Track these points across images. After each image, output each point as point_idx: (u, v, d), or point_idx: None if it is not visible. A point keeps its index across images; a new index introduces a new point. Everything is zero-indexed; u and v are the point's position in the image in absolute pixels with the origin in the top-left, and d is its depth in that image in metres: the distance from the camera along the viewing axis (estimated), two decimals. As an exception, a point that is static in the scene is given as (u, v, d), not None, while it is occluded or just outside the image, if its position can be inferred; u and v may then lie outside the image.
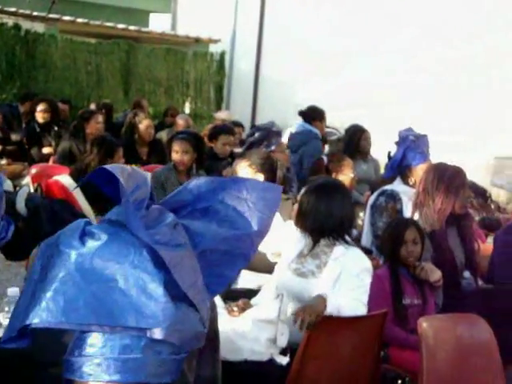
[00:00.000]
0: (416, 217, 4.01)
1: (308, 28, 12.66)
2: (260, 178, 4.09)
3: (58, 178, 5.13)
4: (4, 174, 3.14)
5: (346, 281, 3.17)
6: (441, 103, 10.50)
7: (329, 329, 2.98)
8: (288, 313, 3.12)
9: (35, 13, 11.98)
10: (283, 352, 3.02)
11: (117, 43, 12.65)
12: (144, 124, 7.07)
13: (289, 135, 6.63)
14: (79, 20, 12.35)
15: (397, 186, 4.74)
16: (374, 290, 3.50)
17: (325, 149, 7.37)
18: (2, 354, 1.68)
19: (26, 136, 7.72)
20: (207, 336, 1.03)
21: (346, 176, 5.31)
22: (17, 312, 0.97)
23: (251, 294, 3.59)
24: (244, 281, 3.96)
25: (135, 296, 0.94)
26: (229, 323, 3.08)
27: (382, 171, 6.08)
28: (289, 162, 6.27)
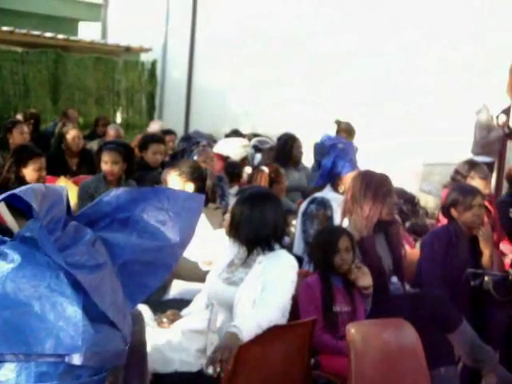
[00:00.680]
0: (345, 224, 4.07)
1: (240, 37, 12.71)
2: (190, 188, 4.09)
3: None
4: None
5: (269, 282, 3.16)
6: (371, 109, 10.66)
7: (259, 338, 2.98)
8: (218, 323, 3.12)
9: (-42, 20, 11.66)
10: (213, 362, 3.01)
11: (44, 52, 12.38)
12: (71, 134, 6.97)
13: (315, 145, 7.02)
14: (4, 28, 12.04)
15: (327, 194, 4.80)
16: (304, 298, 3.53)
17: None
18: None
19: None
20: (135, 348, 1.01)
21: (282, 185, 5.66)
22: None
23: (183, 305, 3.57)
24: (176, 291, 3.95)
25: (52, 321, 0.90)
26: (159, 335, 3.06)
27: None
28: (222, 171, 6.29)
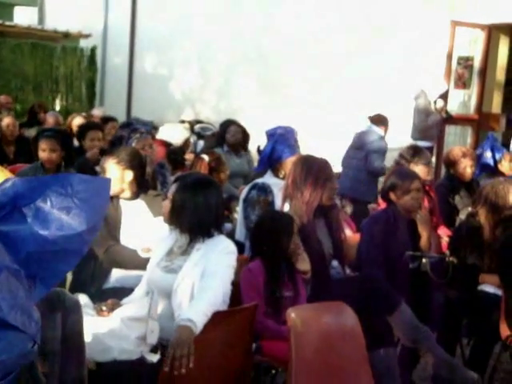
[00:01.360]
0: (285, 209, 4.08)
1: (182, 20, 12.57)
2: (129, 175, 4.03)
3: None
4: None
5: (209, 268, 3.15)
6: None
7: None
8: (158, 310, 3.09)
9: None
10: (154, 350, 2.98)
11: (-21, 37, 12.10)
12: (5, 122, 6.82)
13: (356, 134, 7.75)
14: None
15: (268, 179, 4.81)
16: (247, 284, 3.53)
17: None
18: None
19: None
20: (72, 337, 0.99)
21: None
22: None
23: (124, 293, 3.53)
24: (115, 279, 3.90)
25: None
26: (98, 323, 3.02)
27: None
28: (164, 158, 6.23)
